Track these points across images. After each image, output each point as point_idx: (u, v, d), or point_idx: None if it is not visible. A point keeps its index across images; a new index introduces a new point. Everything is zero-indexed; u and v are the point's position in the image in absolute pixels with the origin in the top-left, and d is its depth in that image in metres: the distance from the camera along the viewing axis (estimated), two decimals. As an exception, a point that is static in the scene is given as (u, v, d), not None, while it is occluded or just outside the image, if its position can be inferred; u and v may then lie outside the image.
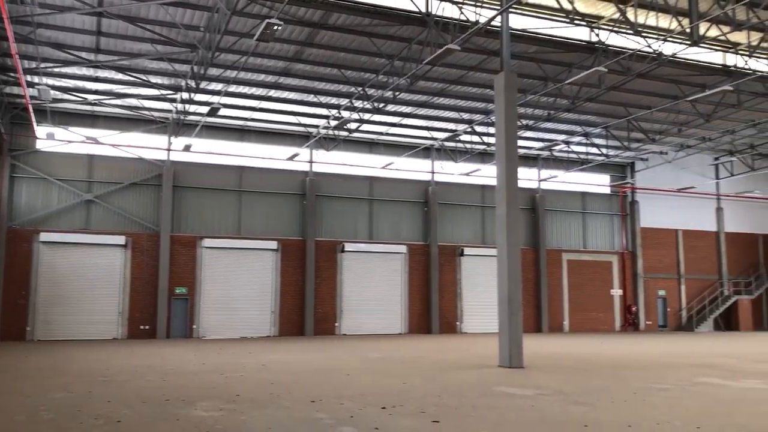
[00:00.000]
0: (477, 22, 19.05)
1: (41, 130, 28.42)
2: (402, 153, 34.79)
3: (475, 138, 33.65)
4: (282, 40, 21.96)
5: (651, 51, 22.31)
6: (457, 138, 33.65)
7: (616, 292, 39.36)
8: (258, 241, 31.64)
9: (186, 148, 30.03)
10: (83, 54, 22.84)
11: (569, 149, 36.18)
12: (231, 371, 14.93)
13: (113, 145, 29.59)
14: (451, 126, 31.90)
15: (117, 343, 25.56)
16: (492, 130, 31.78)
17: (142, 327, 29.12)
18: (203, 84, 25.51)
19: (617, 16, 20.97)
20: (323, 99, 27.73)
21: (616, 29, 21.62)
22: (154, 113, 29.68)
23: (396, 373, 14.52)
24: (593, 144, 34.81)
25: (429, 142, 34.67)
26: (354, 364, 16.91)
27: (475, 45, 22.46)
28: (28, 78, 24.82)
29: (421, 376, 14.06)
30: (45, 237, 27.92)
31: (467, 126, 31.13)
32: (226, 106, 28.24)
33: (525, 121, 30.16)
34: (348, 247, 33.06)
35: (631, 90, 26.92)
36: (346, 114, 29.24)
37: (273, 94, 27.18)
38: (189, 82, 24.86)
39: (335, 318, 32.74)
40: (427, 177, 35.61)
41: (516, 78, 17.80)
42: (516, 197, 16.98)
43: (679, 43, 22.76)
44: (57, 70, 24.18)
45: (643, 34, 21.36)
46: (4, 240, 27.32)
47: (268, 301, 31.62)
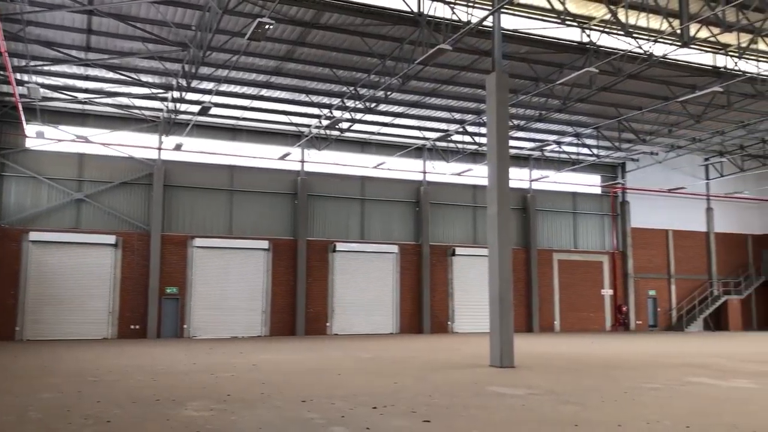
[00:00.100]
0: (469, 22, 19.07)
1: (31, 128, 28.24)
2: (394, 153, 34.79)
3: (467, 138, 33.69)
4: (274, 39, 21.91)
5: (642, 52, 22.41)
6: (449, 138, 33.67)
7: (606, 292, 39.52)
8: (249, 241, 31.56)
9: (177, 147, 29.90)
10: (73, 52, 22.71)
11: (560, 149, 36.29)
12: (222, 371, 14.89)
13: (104, 144, 29.44)
14: (443, 126, 31.93)
15: (107, 343, 25.43)
16: (483, 130, 31.83)
17: (132, 327, 28.99)
18: (194, 83, 25.41)
19: (608, 17, 21.05)
20: (315, 98, 27.69)
21: (607, 30, 21.71)
22: (144, 112, 29.55)
23: (387, 373, 14.51)
24: (584, 144, 34.93)
25: (421, 142, 34.69)
26: (345, 363, 16.90)
27: (467, 45, 22.49)
28: (17, 76, 24.65)
29: (413, 375, 14.07)
30: (35, 236, 27.74)
31: (459, 126, 31.17)
32: (217, 105, 28.15)
33: (516, 122, 30.22)
34: (339, 247, 33.03)
35: (622, 91, 27.03)
36: (337, 113, 29.21)
37: (264, 93, 27.12)
38: (180, 80, 24.76)
39: (326, 318, 32.70)
40: (419, 177, 35.63)
41: (507, 78, 17.83)
42: (507, 197, 17.01)
43: (670, 44, 22.88)
44: (47, 68, 24.02)
45: (634, 35, 21.46)
46: (-7, 239, 27.16)
47: (259, 301, 31.56)
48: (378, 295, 33.95)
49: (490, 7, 19.99)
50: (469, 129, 32.06)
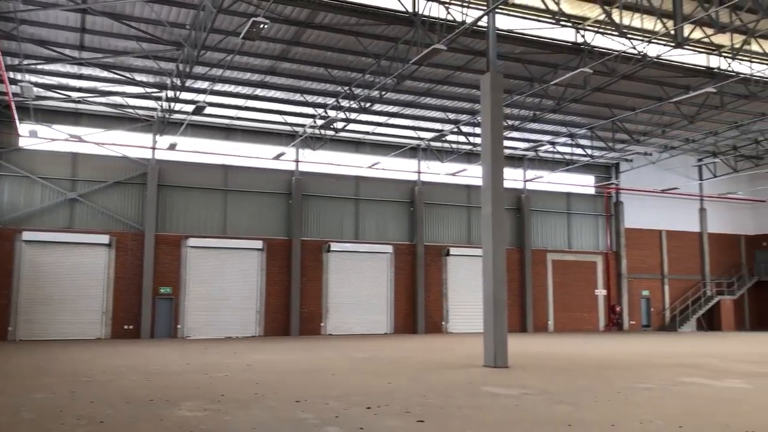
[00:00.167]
0: (464, 22, 19.09)
1: (24, 127, 28.11)
2: (388, 153, 34.79)
3: (462, 138, 33.72)
4: (268, 38, 21.88)
5: (636, 52, 22.48)
6: (444, 138, 33.70)
7: (600, 292, 39.62)
8: (243, 241, 31.51)
9: (171, 146, 29.80)
10: (67, 51, 22.63)
11: (554, 150, 36.36)
12: (215, 371, 14.86)
13: (97, 144, 29.34)
14: (438, 126, 31.95)
15: (101, 343, 25.34)
16: (478, 130, 31.87)
17: (126, 327, 28.90)
18: (189, 82, 25.35)
19: (603, 17, 21.11)
20: (309, 98, 27.67)
21: (601, 31, 21.77)
22: (138, 111, 29.46)
23: (381, 373, 14.51)
24: (578, 145, 35.02)
25: (415, 142, 34.70)
26: (339, 364, 16.89)
27: (462, 45, 22.51)
28: (10, 75, 24.55)
29: (407, 376, 14.07)
30: (28, 236, 27.62)
31: (453, 126, 31.19)
32: (211, 104, 28.09)
33: (511, 122, 30.27)
34: (334, 247, 33.01)
35: (616, 91, 27.11)
36: (332, 113, 29.18)
37: (259, 92, 27.08)
38: (174, 80, 24.70)
39: (321, 318, 32.68)
40: (414, 177, 35.64)
41: (502, 78, 17.85)
42: (501, 197, 17.03)
43: (664, 45, 22.96)
44: (40, 67, 23.93)
45: (629, 35, 21.50)
46: (-15, 239, 27.04)
47: (253, 301, 31.50)
48: (372, 295, 33.95)
49: (484, 8, 20.02)
50: (464, 129, 32.09)
